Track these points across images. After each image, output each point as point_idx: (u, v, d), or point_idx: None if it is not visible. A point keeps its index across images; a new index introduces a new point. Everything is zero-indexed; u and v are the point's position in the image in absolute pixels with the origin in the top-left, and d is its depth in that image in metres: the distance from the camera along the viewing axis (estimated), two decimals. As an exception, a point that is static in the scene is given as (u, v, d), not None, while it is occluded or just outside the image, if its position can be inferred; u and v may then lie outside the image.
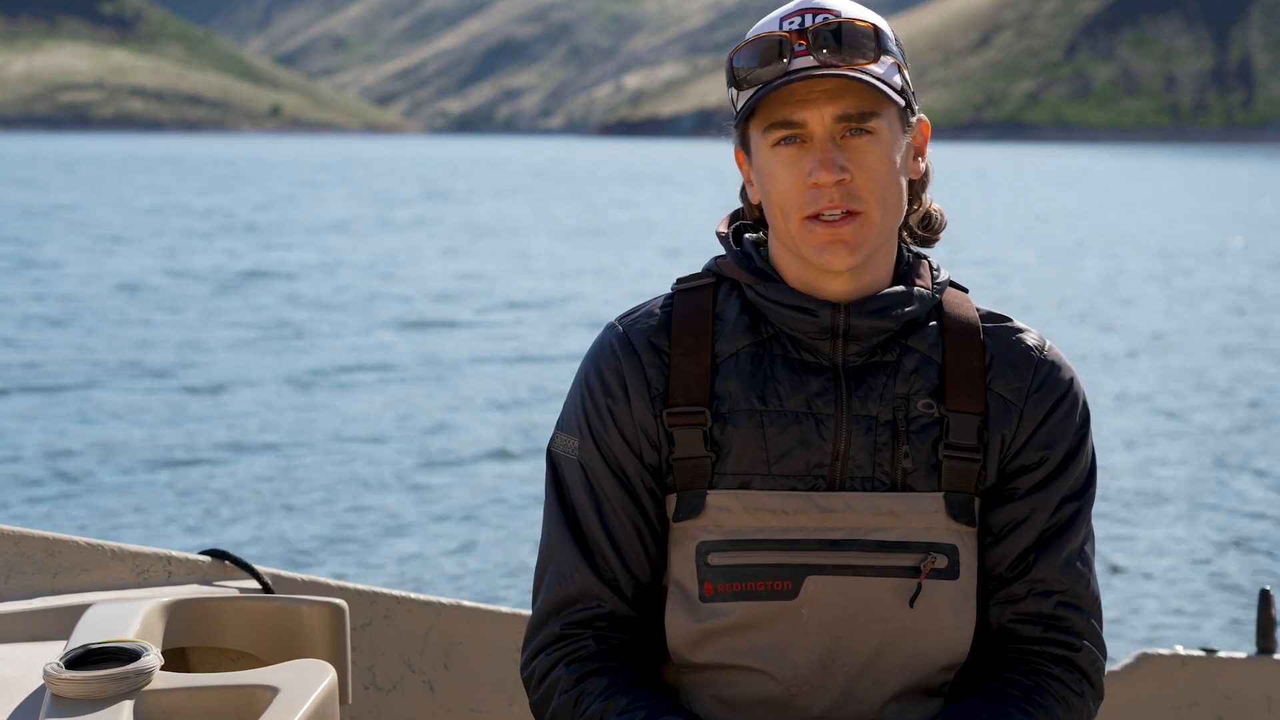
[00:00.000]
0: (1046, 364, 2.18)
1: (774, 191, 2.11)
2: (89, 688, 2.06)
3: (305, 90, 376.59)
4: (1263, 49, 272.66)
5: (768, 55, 2.08)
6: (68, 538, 2.81)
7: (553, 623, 2.18)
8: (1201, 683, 3.37)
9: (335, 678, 2.15)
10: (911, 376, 2.14)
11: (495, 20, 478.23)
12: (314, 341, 19.50)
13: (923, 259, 2.23)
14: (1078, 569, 2.17)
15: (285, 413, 14.51)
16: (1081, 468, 2.18)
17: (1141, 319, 23.07)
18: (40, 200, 53.12)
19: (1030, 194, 68.23)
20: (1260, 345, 20.22)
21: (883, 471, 2.12)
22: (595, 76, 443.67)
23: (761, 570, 2.10)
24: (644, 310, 2.20)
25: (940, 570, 2.12)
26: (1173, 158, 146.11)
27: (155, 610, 2.51)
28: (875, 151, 2.08)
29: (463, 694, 3.14)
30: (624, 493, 2.16)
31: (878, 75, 2.08)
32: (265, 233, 39.00)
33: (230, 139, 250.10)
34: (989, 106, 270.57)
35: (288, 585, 2.93)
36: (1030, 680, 2.15)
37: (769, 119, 2.09)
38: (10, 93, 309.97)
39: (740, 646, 2.12)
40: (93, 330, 20.16)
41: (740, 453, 2.12)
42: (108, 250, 32.77)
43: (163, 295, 24.51)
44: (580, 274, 29.35)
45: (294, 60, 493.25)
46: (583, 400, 2.18)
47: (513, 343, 19.70)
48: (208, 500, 11.05)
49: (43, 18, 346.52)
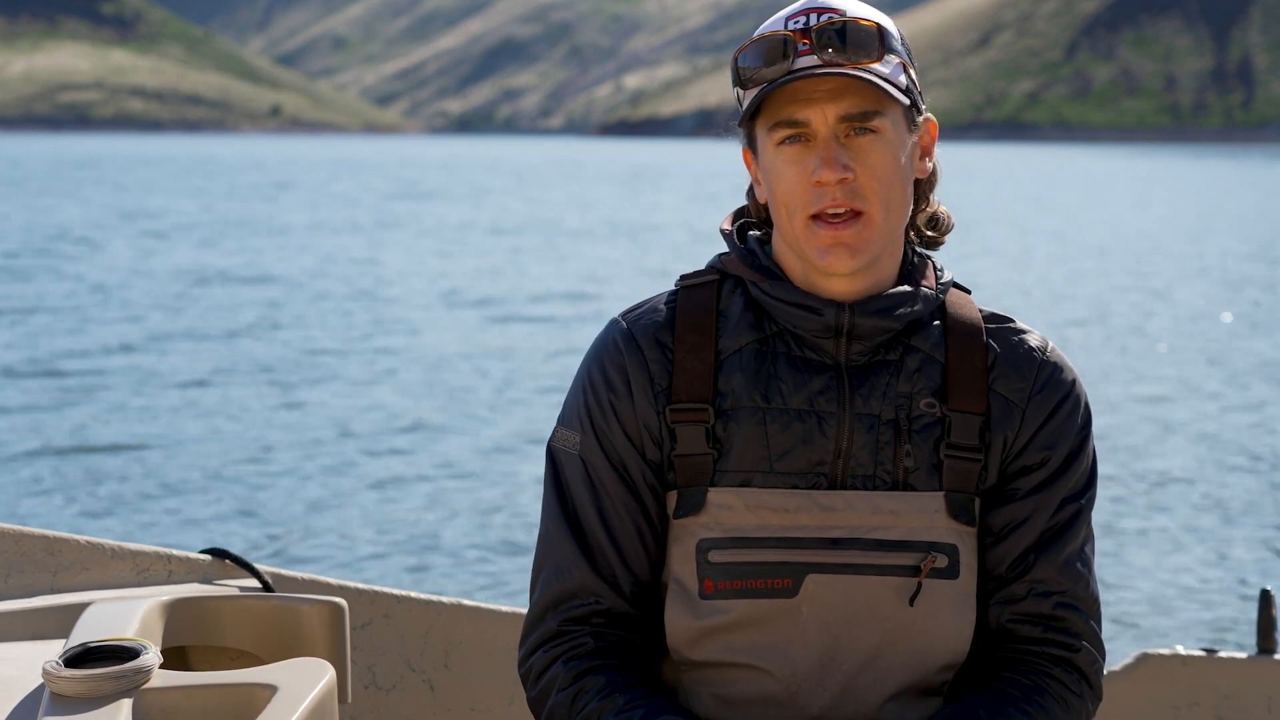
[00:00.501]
0: (1049, 365, 2.18)
1: (779, 190, 2.11)
2: (88, 686, 2.06)
3: (305, 90, 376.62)
4: (1263, 49, 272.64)
5: (772, 54, 2.09)
6: (67, 536, 2.81)
7: (550, 618, 2.18)
8: (1201, 683, 3.37)
9: (334, 676, 2.15)
10: (914, 376, 2.14)
11: (495, 20, 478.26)
12: (312, 342, 19.50)
13: (928, 260, 2.23)
14: (1077, 570, 2.17)
15: (286, 412, 14.51)
16: (1082, 469, 2.18)
17: (1141, 319, 23.06)
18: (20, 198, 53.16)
19: (1028, 194, 68.23)
20: (1261, 346, 20.22)
21: (884, 470, 2.12)
22: (595, 76, 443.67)
23: (762, 568, 2.10)
24: (648, 306, 2.21)
25: (940, 570, 2.12)
26: (1173, 158, 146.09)
27: (154, 609, 2.50)
28: (879, 150, 2.09)
29: (463, 693, 3.13)
30: (624, 489, 2.16)
31: (882, 74, 2.09)
32: (264, 232, 39.01)
33: (230, 139, 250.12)
34: (989, 106, 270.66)
35: (288, 584, 2.93)
36: (1029, 680, 2.15)
37: (773, 118, 2.10)
38: (10, 93, 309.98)
39: (740, 644, 2.12)
40: (94, 327, 20.16)
41: (742, 450, 2.12)
42: (96, 247, 32.79)
43: (163, 294, 24.51)
44: (579, 274, 29.35)
45: (294, 60, 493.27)
46: (585, 395, 2.18)
47: (512, 342, 19.70)
48: (208, 500, 11.05)
49: (43, 18, 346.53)
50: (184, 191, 60.77)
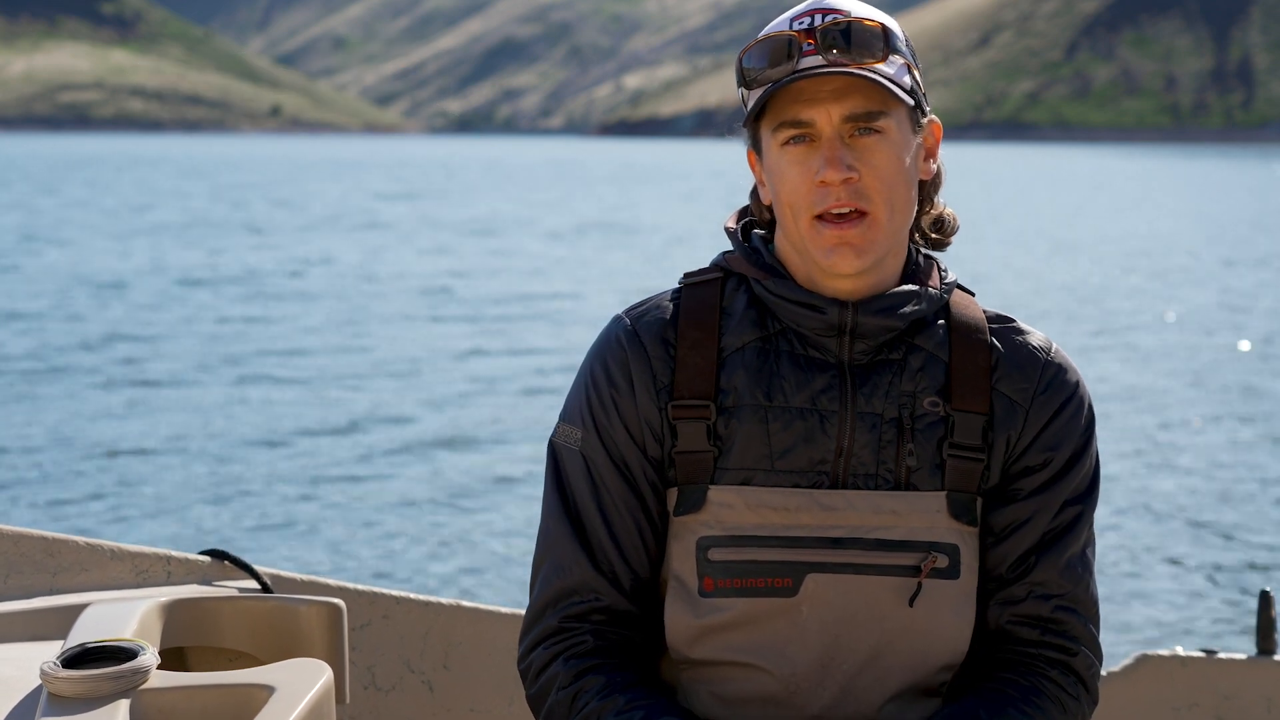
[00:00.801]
0: (1053, 366, 2.18)
1: (783, 190, 2.11)
2: (85, 686, 2.07)
3: (305, 90, 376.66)
4: (1263, 49, 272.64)
5: (777, 55, 2.09)
6: (67, 537, 2.81)
7: (550, 615, 2.18)
8: (1201, 684, 3.37)
9: (331, 677, 2.15)
10: (917, 375, 2.14)
11: (495, 20, 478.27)
12: (314, 340, 19.49)
13: (933, 260, 2.23)
14: (1078, 573, 2.17)
15: (285, 411, 14.50)
16: (1085, 471, 2.18)
17: (1140, 320, 23.05)
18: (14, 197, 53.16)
19: (1026, 194, 68.24)
20: (1263, 345, 20.21)
21: (886, 469, 2.11)
22: (595, 76, 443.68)
23: (762, 567, 2.10)
24: (651, 303, 2.20)
25: (941, 570, 2.11)
26: (1173, 158, 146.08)
27: (153, 610, 2.51)
28: (883, 151, 2.09)
29: (462, 694, 3.13)
30: (625, 485, 2.15)
31: (886, 75, 2.09)
32: (262, 230, 39.01)
33: (230, 139, 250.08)
34: (989, 106, 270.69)
35: (287, 585, 2.93)
36: (1027, 681, 2.15)
37: (778, 118, 2.10)
38: (10, 93, 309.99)
39: (739, 643, 2.11)
40: (93, 329, 20.16)
41: (743, 448, 2.12)
42: (102, 248, 32.78)
43: (160, 293, 24.50)
44: (580, 273, 29.34)
45: (294, 60, 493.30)
46: (587, 392, 2.18)
47: (512, 341, 19.69)
48: (209, 499, 11.04)
49: (43, 18, 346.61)
50: (184, 191, 60.78)
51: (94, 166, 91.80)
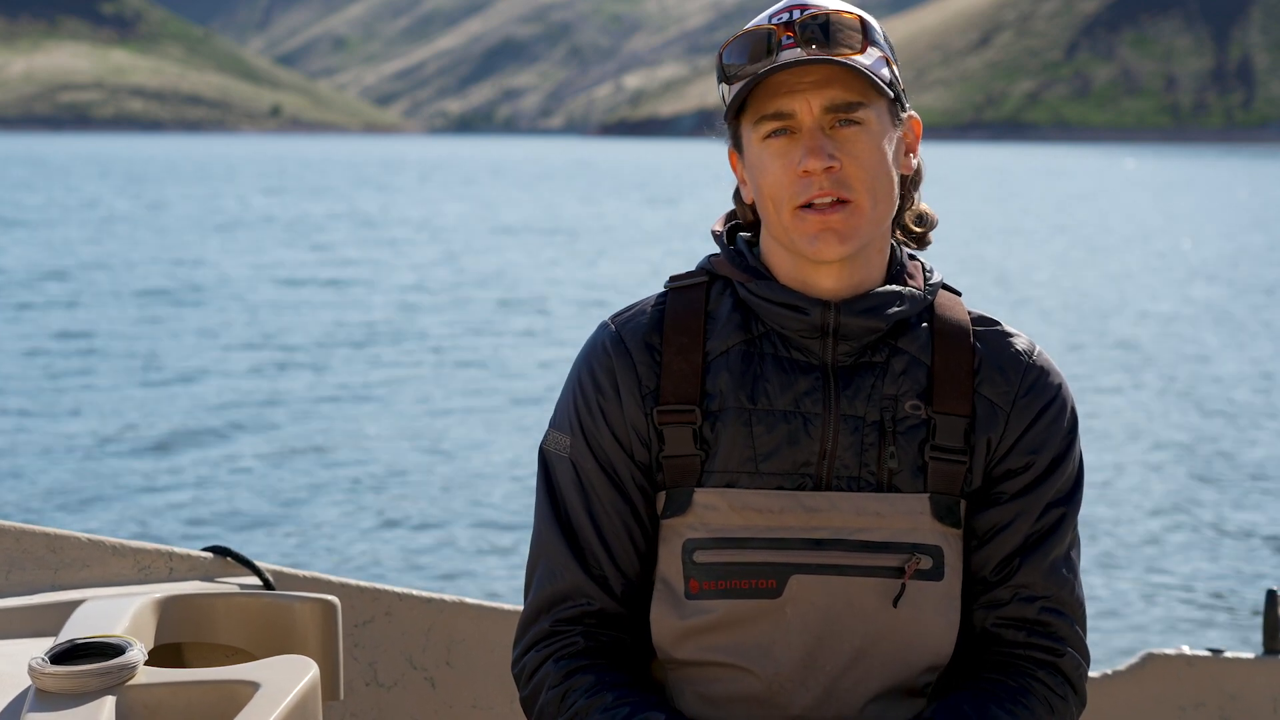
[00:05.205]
0: (1035, 369, 2.18)
1: (765, 184, 2.12)
2: (71, 682, 2.08)
3: (305, 90, 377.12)
4: (1263, 49, 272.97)
5: (756, 49, 2.11)
6: (69, 533, 2.82)
7: (543, 619, 2.20)
8: (1207, 683, 3.36)
9: (317, 673, 2.16)
10: (900, 378, 2.14)
11: (495, 20, 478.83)
12: (313, 341, 19.51)
13: (915, 260, 2.23)
14: (1062, 575, 2.17)
15: (286, 410, 14.51)
16: (1068, 474, 2.19)
17: (1138, 320, 23.07)
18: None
19: (1024, 194, 68.31)
20: (1262, 345, 20.22)
21: (869, 472, 2.12)
22: (595, 76, 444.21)
23: (746, 569, 2.11)
24: (637, 309, 2.22)
25: (924, 571, 2.12)
26: (1173, 158, 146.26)
27: (147, 606, 2.52)
28: (864, 141, 2.09)
29: (464, 691, 3.14)
30: (614, 490, 2.17)
31: (865, 66, 2.10)
32: (264, 232, 39.07)
33: (230, 139, 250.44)
34: (989, 106, 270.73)
35: (289, 582, 2.94)
36: (1015, 682, 2.16)
37: (759, 112, 2.11)
38: (10, 93, 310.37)
39: (723, 644, 2.13)
40: (101, 324, 20.16)
41: (728, 451, 2.13)
42: (111, 246, 32.82)
43: (165, 293, 24.53)
44: (580, 273, 29.38)
45: (294, 60, 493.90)
46: (575, 398, 2.20)
47: (512, 340, 19.71)
48: (209, 498, 11.05)
49: (43, 18, 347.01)
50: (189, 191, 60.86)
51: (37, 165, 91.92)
